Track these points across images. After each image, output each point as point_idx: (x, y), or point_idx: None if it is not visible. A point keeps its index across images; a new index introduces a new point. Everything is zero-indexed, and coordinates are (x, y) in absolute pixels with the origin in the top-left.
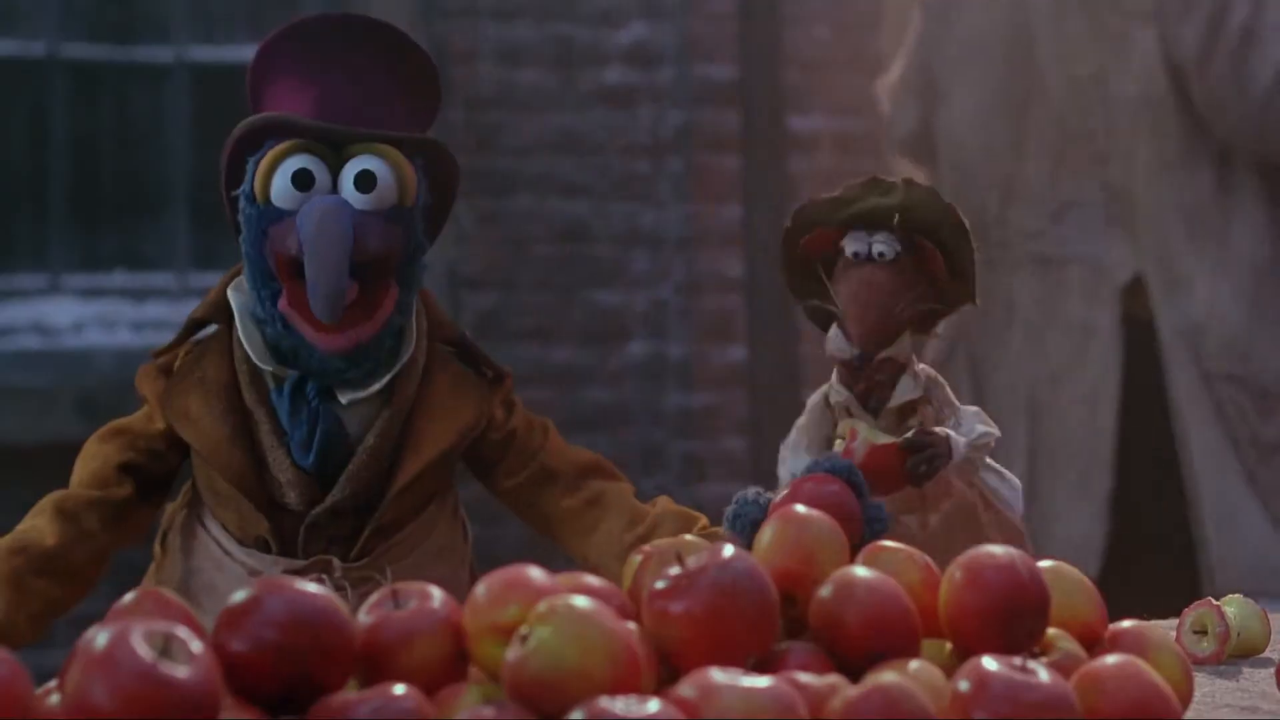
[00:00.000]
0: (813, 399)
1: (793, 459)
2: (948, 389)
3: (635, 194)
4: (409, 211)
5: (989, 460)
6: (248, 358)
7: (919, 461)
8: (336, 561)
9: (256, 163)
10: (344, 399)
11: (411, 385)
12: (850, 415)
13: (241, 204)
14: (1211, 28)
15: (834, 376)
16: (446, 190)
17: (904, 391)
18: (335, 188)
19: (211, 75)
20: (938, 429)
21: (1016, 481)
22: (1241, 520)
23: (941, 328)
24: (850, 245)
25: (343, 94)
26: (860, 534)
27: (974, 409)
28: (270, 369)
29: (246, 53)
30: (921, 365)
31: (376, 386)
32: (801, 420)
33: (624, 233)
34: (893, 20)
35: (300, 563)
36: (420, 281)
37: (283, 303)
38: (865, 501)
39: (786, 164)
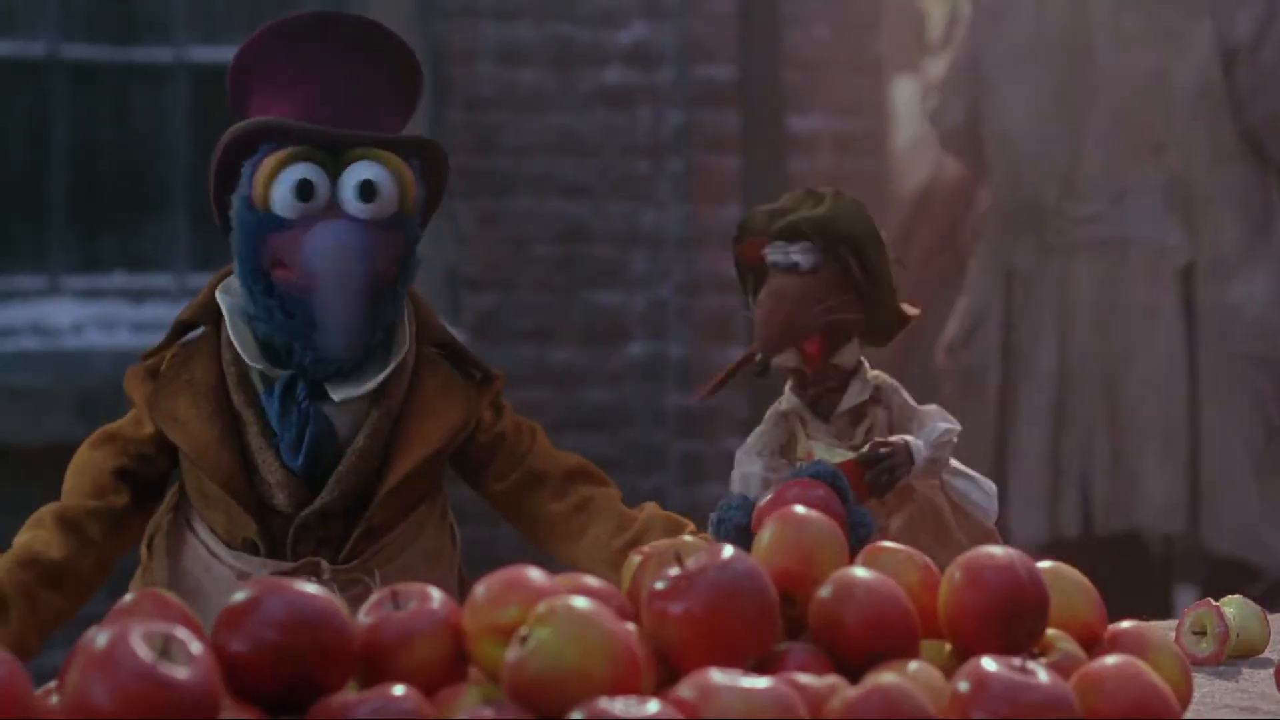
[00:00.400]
0: (772, 408)
1: (746, 464)
2: (904, 393)
3: (635, 194)
4: (410, 218)
5: (960, 465)
6: (236, 359)
7: (878, 474)
8: (325, 564)
9: (254, 166)
10: (337, 396)
11: (402, 386)
12: (804, 424)
13: (237, 207)
14: (1269, 13)
15: (786, 386)
16: (439, 187)
17: (853, 396)
18: (334, 196)
19: (211, 76)
20: (895, 437)
21: (989, 485)
22: (1237, 494)
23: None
24: (771, 254)
25: (333, 94)
26: (846, 539)
27: (934, 407)
28: (260, 368)
29: None
30: (875, 371)
31: (371, 385)
32: (759, 428)
33: (624, 233)
34: (892, 21)
35: (288, 565)
36: (412, 278)
37: (274, 277)
38: (850, 507)
39: (786, 164)
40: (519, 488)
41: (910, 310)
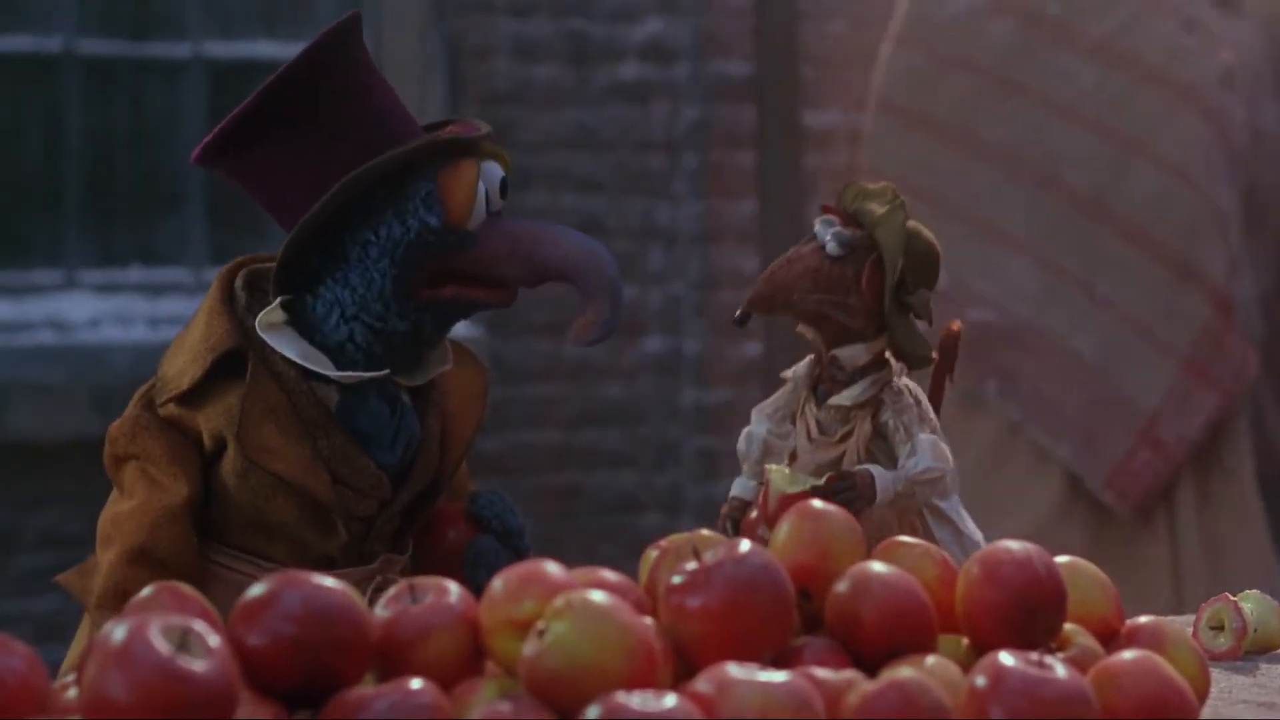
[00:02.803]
0: (791, 371)
1: (755, 422)
2: (915, 411)
3: (651, 190)
4: None
5: (954, 513)
6: (296, 380)
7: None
8: (397, 557)
9: (436, 185)
10: (413, 382)
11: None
12: (805, 401)
13: (423, 227)
14: None
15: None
16: None
17: (848, 395)
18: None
19: (227, 71)
20: (860, 468)
21: (977, 536)
22: None
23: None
24: (817, 224)
25: (397, 100)
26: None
27: (930, 439)
28: (336, 376)
29: (261, 48)
30: (904, 380)
31: (444, 367)
32: (778, 392)
33: (639, 228)
34: None
35: (373, 567)
36: None
37: (431, 292)
38: None
39: (802, 160)
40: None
41: (919, 351)
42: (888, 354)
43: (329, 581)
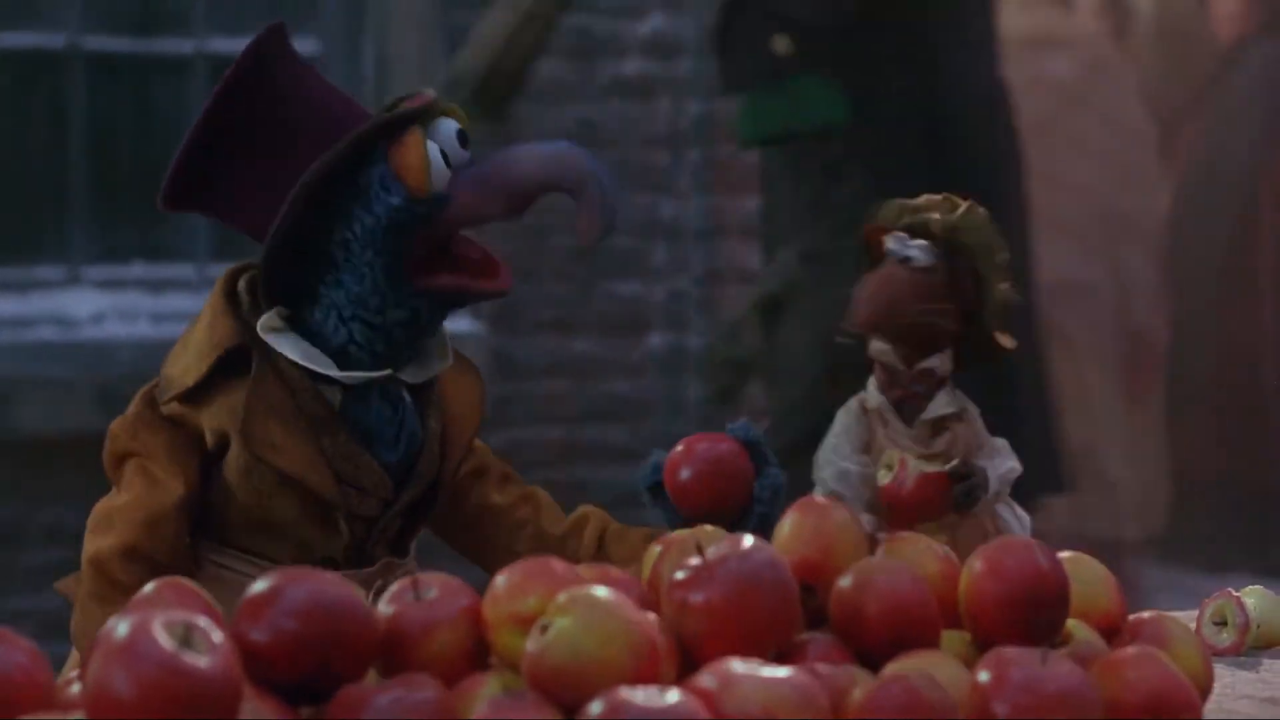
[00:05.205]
0: (846, 406)
1: (839, 460)
2: (979, 420)
3: (654, 185)
4: None
5: (1010, 500)
6: (300, 379)
7: (963, 491)
8: (397, 560)
9: (389, 159)
10: (415, 379)
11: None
12: (885, 424)
13: (391, 209)
14: None
15: (870, 382)
16: None
17: (939, 405)
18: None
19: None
20: (977, 463)
21: (1025, 517)
22: None
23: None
24: (890, 244)
25: (341, 95)
26: (744, 496)
27: (1002, 442)
28: (340, 376)
29: None
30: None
31: (445, 365)
32: (837, 426)
33: (643, 224)
34: None
35: (374, 569)
36: None
37: (427, 281)
38: (763, 469)
39: None
40: (467, 478)
41: (1006, 342)
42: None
43: (332, 577)
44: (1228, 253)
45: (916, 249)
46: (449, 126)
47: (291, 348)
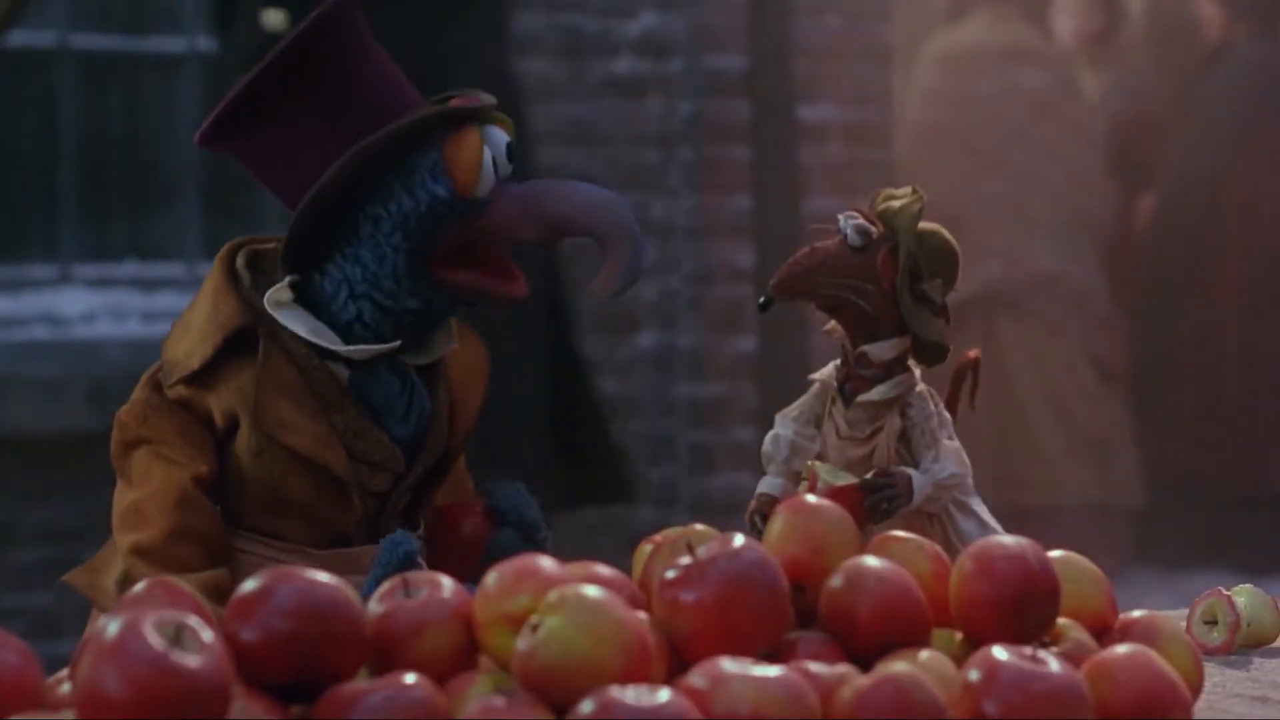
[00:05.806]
0: (816, 375)
1: (779, 425)
2: (936, 419)
3: (645, 184)
4: None
5: (978, 508)
6: (308, 356)
7: (876, 501)
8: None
9: (442, 154)
10: (419, 361)
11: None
12: (832, 401)
13: (433, 198)
14: None
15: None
16: None
17: (878, 391)
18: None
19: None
20: (898, 469)
21: (996, 526)
22: None
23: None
24: (840, 220)
25: (400, 75)
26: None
27: (955, 445)
28: (345, 351)
29: None
30: (922, 385)
31: (451, 346)
32: (804, 396)
33: None
34: (902, 11)
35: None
36: None
37: (445, 275)
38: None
39: (797, 154)
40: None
41: (932, 337)
42: (909, 359)
43: (323, 576)
44: (1198, 250)
45: (851, 228)
46: (501, 137)
47: (300, 324)
